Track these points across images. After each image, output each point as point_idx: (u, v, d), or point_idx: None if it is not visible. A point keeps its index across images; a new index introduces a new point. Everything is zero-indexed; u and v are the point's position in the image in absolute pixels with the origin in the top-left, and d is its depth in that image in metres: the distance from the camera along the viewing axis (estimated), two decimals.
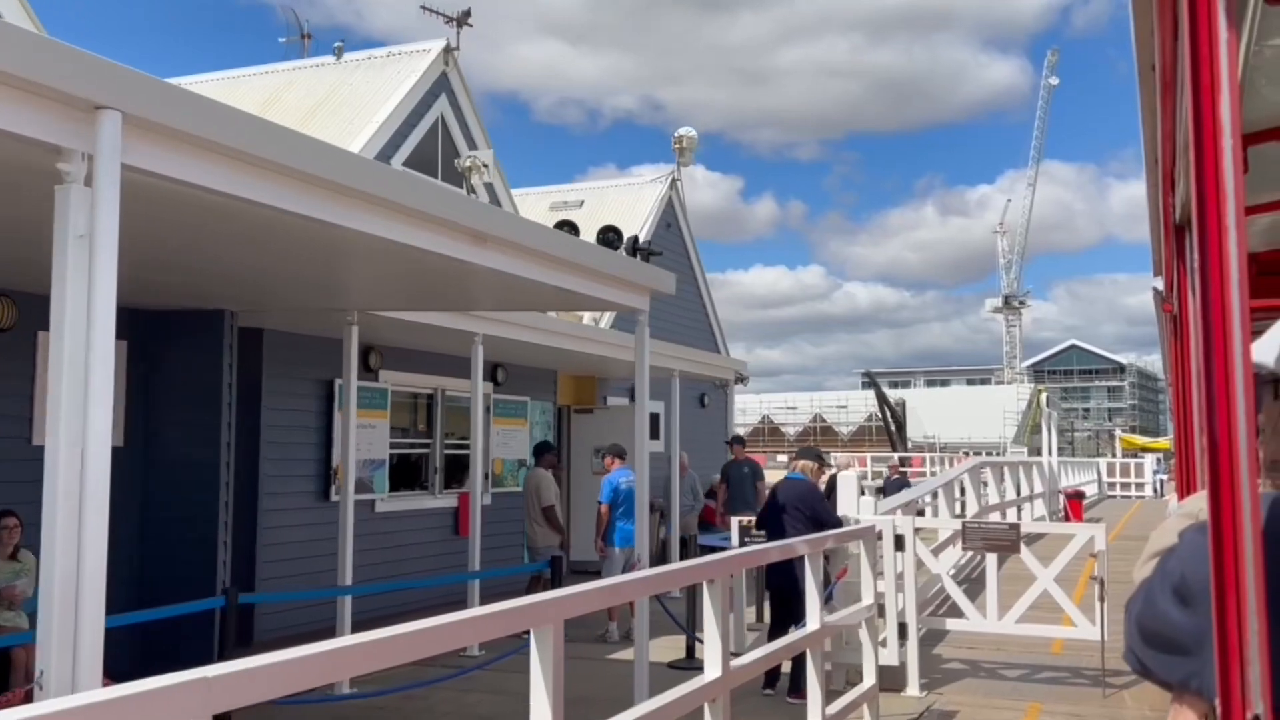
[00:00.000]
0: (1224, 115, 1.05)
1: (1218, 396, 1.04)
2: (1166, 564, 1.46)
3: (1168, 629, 1.40)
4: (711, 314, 20.55)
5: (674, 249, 19.13)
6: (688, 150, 18.64)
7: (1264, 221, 3.88)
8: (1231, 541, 1.03)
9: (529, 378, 14.20)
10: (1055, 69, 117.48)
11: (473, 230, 5.51)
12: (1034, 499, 20.18)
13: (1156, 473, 39.43)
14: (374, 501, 11.45)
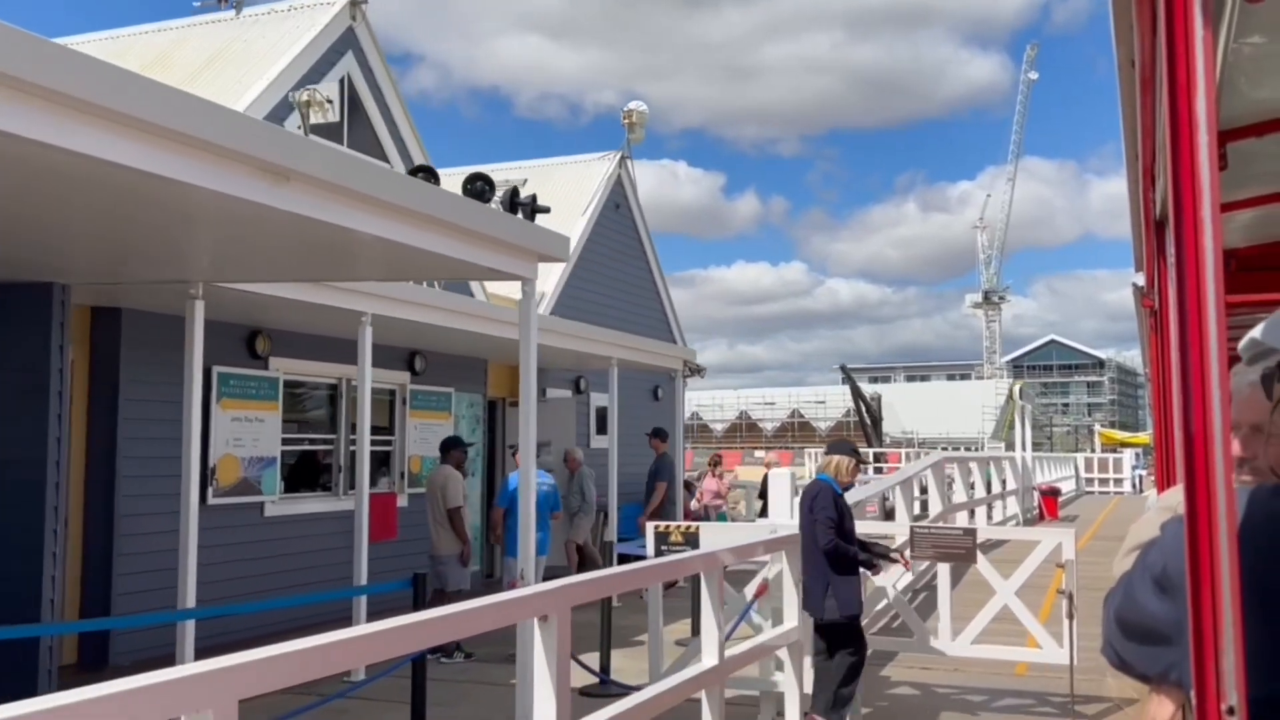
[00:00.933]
0: (1200, 112, 1.05)
1: (1194, 390, 1.03)
2: (1148, 556, 1.42)
3: (1148, 620, 1.37)
4: (666, 302, 19.37)
5: (624, 232, 17.93)
6: (638, 126, 17.44)
7: (1244, 218, 3.83)
8: (1207, 534, 1.02)
9: (453, 367, 12.98)
10: (1035, 63, 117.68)
11: (265, 163, 4.30)
12: (1006, 496, 19.11)
13: (1136, 468, 38.58)
14: (263, 504, 10.20)
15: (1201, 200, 1.06)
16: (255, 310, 9.30)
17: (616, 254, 17.57)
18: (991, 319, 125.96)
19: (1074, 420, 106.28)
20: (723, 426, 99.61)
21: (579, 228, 16.30)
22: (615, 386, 12.89)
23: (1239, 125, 2.96)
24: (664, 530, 7.49)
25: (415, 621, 2.81)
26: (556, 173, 17.86)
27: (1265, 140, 3.01)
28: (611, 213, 17.48)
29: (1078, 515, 22.81)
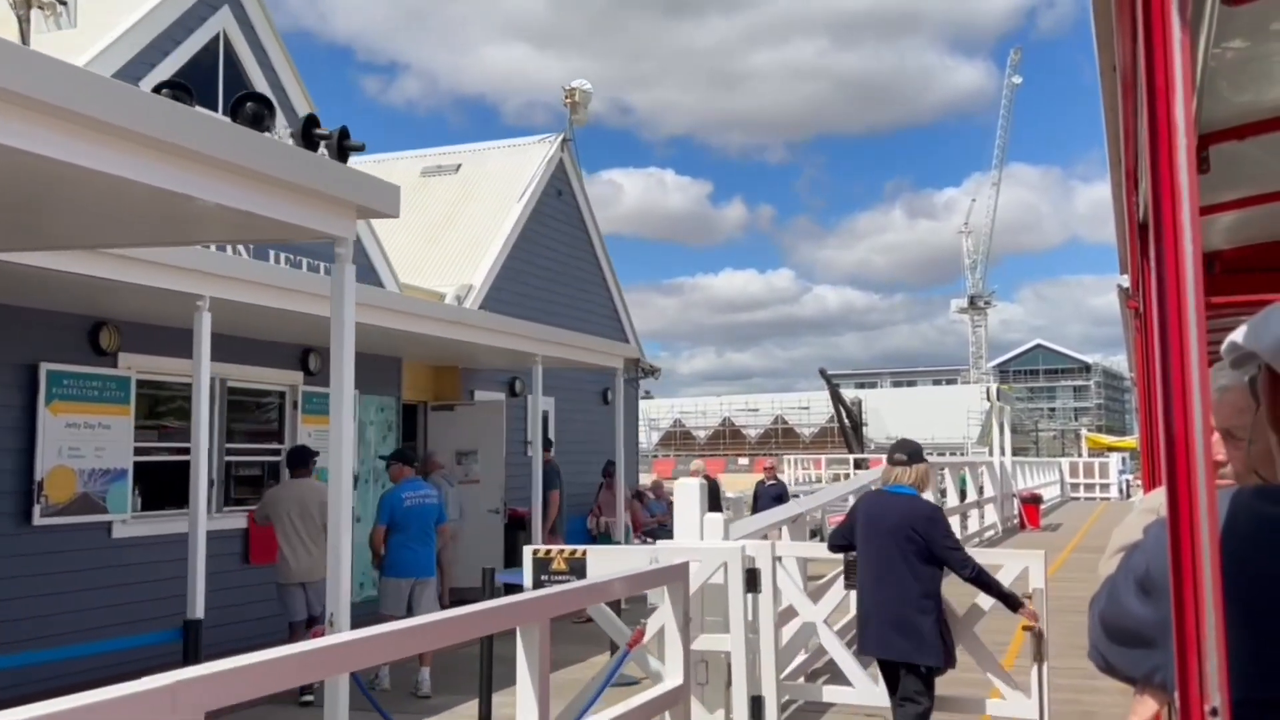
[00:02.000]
0: (1178, 116, 1.07)
1: (1174, 392, 1.05)
2: (1131, 558, 1.39)
3: (1132, 623, 1.35)
4: (617, 297, 17.99)
5: (568, 220, 16.56)
6: (581, 105, 16.08)
7: (1227, 220, 3.86)
8: (1189, 536, 1.03)
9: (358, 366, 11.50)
10: (1018, 68, 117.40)
11: None
12: (983, 505, 17.76)
13: (1122, 473, 37.34)
14: (110, 525, 8.76)
15: (1180, 204, 1.06)
16: (98, 297, 7.89)
17: (559, 245, 16.19)
18: (977, 324, 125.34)
19: (1061, 425, 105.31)
20: (706, 434, 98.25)
21: (513, 215, 14.93)
22: (539, 386, 11.50)
23: (1221, 128, 2.96)
24: (544, 556, 6.10)
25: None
26: (492, 157, 16.50)
27: (1247, 143, 3.01)
28: (553, 200, 16.10)
29: (1061, 524, 21.49)
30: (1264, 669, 1.11)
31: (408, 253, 15.22)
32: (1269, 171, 3.44)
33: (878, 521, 5.48)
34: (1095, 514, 25.06)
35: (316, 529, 8.29)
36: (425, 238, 15.32)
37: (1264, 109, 2.91)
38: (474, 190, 15.79)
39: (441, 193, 16.06)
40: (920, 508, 5.51)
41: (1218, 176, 3.10)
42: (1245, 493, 1.24)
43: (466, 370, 13.72)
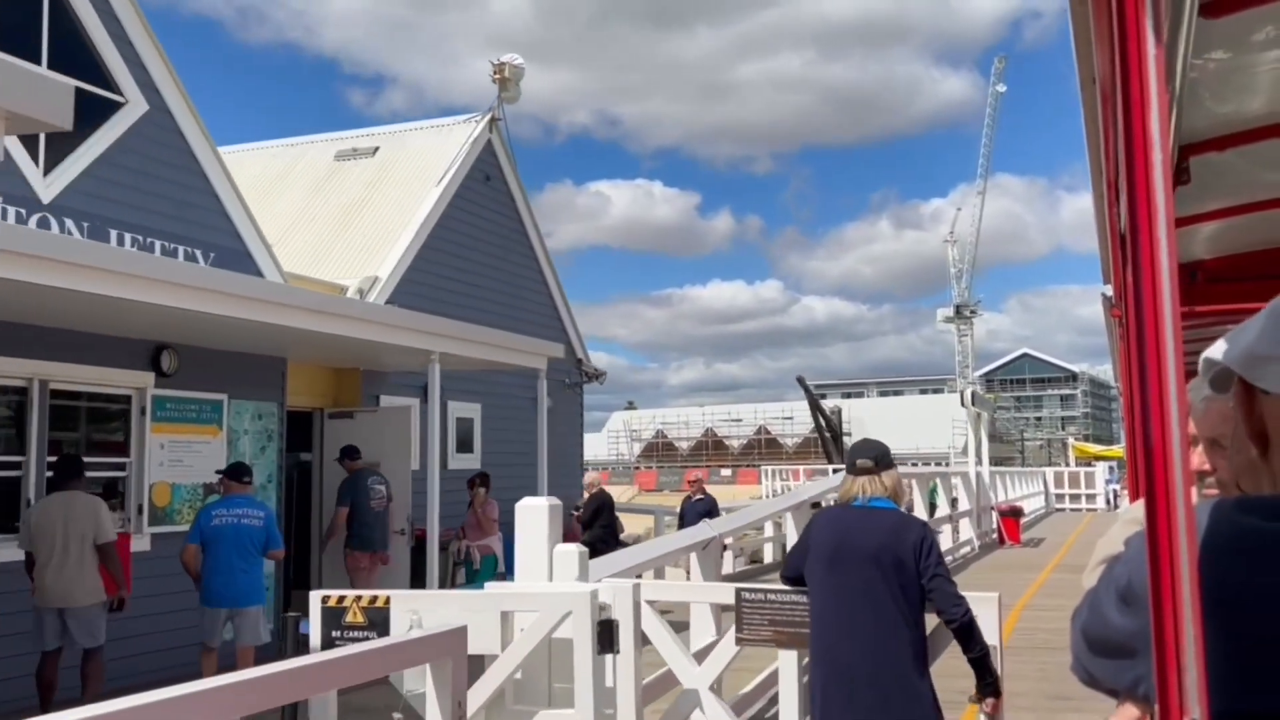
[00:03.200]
0: (1153, 129, 1.07)
1: (1152, 404, 1.06)
2: (1113, 570, 1.37)
3: (1113, 634, 1.33)
4: (557, 294, 16.48)
5: (498, 208, 15.04)
6: (512, 82, 14.60)
7: (1209, 230, 3.88)
8: (1167, 547, 1.03)
9: (228, 367, 10.00)
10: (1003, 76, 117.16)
11: None
12: (957, 519, 16.27)
13: (1109, 482, 35.95)
14: None
15: (1156, 216, 1.07)
16: None
17: (487, 235, 14.67)
18: (963, 333, 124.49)
19: (1048, 434, 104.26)
20: (688, 445, 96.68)
21: (429, 200, 13.41)
22: (437, 388, 9.97)
23: (1202, 139, 2.99)
24: (335, 605, 4.57)
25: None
26: (412, 139, 15.01)
27: (1228, 153, 3.03)
28: (480, 186, 14.59)
29: (1043, 539, 20.01)
30: (1245, 680, 1.11)
31: (314, 244, 13.70)
32: (1250, 182, 3.43)
33: (849, 546, 4.03)
34: (1080, 527, 23.59)
35: (81, 549, 6.83)
36: (335, 227, 13.81)
37: (1245, 120, 2.91)
38: (391, 175, 14.29)
39: (356, 178, 14.55)
40: (910, 527, 4.10)
41: (1199, 187, 3.10)
42: (1226, 504, 1.22)
43: (370, 373, 12.18)
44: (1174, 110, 2.54)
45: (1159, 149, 1.07)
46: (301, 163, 15.30)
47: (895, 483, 4.23)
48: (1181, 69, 2.35)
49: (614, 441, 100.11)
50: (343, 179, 14.61)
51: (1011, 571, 13.90)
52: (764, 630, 4.66)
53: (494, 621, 4.37)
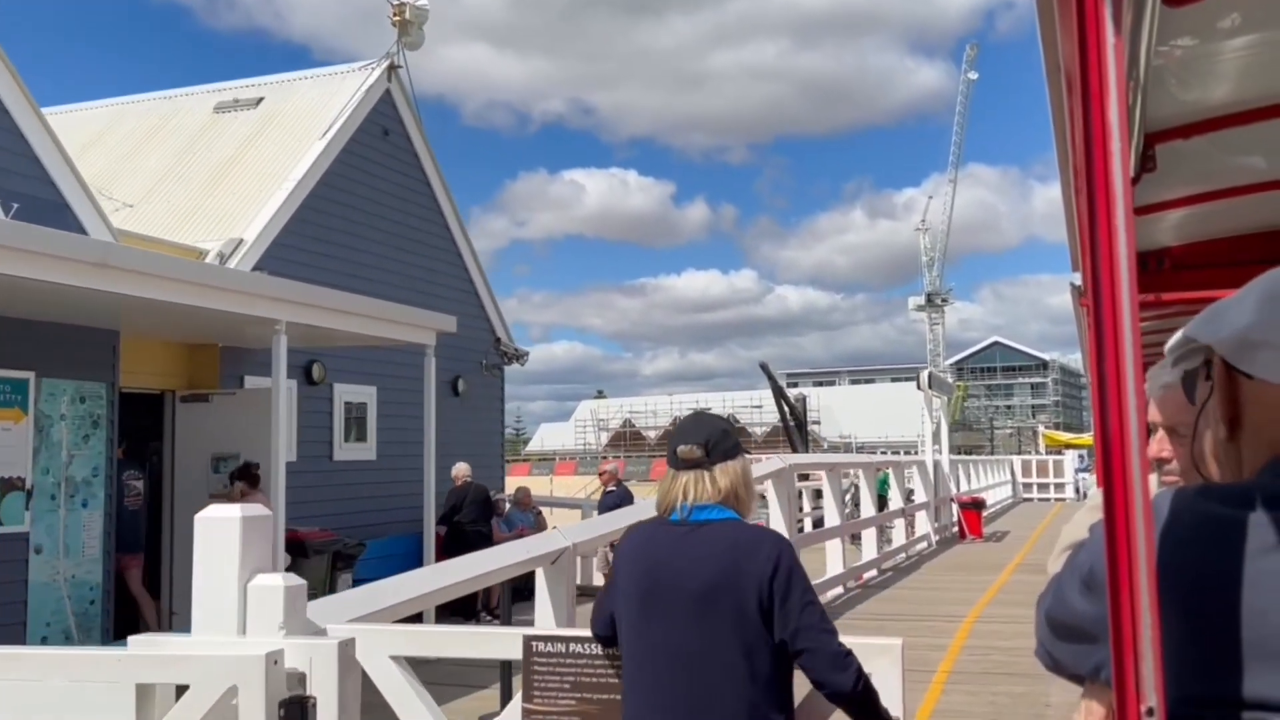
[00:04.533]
0: (1112, 118, 1.09)
1: (1110, 392, 1.07)
2: (1077, 557, 1.37)
3: (1076, 620, 1.34)
4: (473, 266, 14.89)
5: (399, 168, 13.43)
6: (414, 25, 13.00)
7: (1175, 217, 3.92)
8: (1125, 536, 1.04)
9: (38, 338, 8.37)
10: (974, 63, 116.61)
11: None
12: (910, 514, 14.87)
13: (1079, 470, 34.83)
14: None
15: (1115, 205, 1.08)
16: None
17: (385, 198, 13.06)
18: (935, 322, 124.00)
19: (1018, 422, 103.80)
20: (656, 434, 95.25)
21: (309, 155, 11.79)
22: (282, 364, 8.39)
23: (1168, 126, 3.00)
24: None
25: None
26: (300, 89, 13.36)
27: (1193, 141, 3.04)
28: (376, 141, 12.97)
29: (1008, 532, 18.67)
30: (1206, 666, 1.12)
31: (182, 204, 12.06)
32: (1216, 169, 3.44)
33: (665, 584, 2.62)
34: (1048, 518, 22.30)
35: None
36: (206, 186, 12.16)
37: (1210, 107, 2.91)
38: (273, 128, 12.65)
39: (235, 132, 12.90)
40: (756, 550, 2.59)
41: (1165, 174, 3.11)
42: (1188, 492, 1.22)
43: (233, 350, 10.57)
44: (1139, 98, 2.53)
45: (1118, 138, 1.08)
46: (178, 116, 13.63)
47: (737, 480, 2.71)
48: (1146, 57, 2.37)
49: (581, 431, 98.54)
50: (220, 133, 12.96)
51: (968, 572, 12.50)
52: (563, 698, 3.15)
53: (126, 701, 2.84)
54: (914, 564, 13.22)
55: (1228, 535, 1.11)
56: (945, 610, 9.30)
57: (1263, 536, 1.09)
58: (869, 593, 10.59)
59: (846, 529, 10.84)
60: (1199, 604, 1.11)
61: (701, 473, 2.68)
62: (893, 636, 2.93)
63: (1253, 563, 1.09)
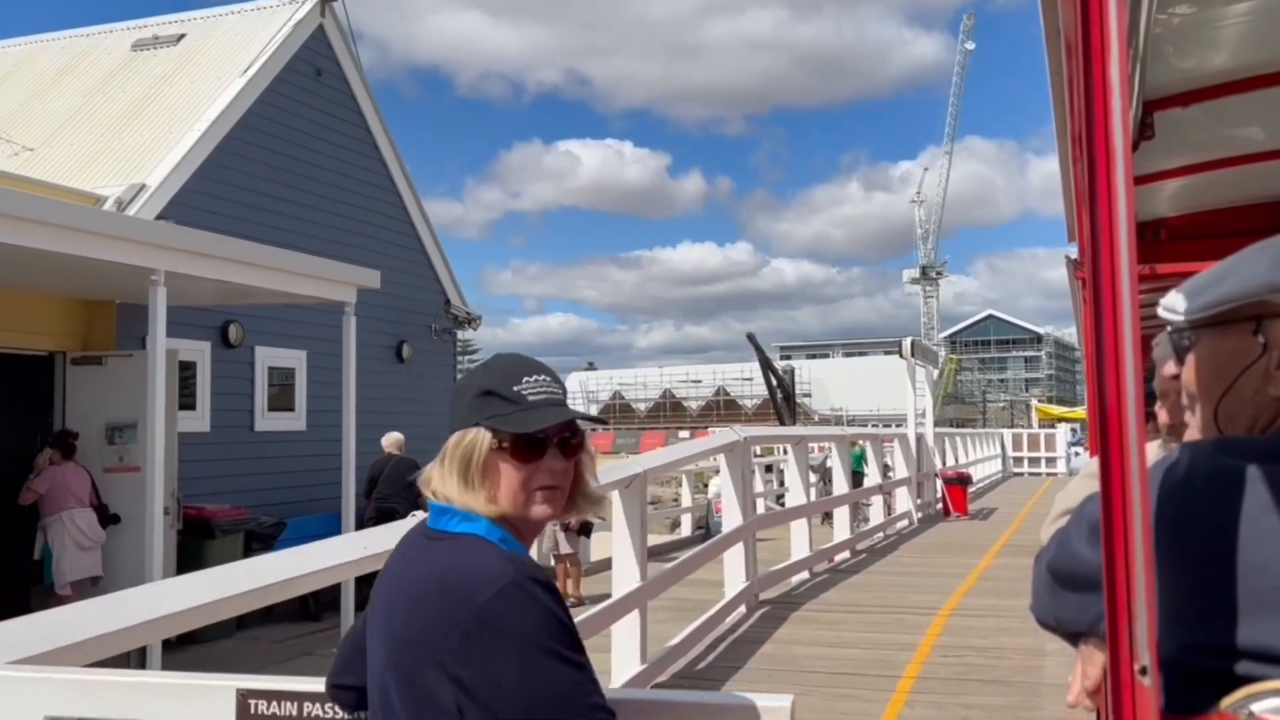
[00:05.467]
0: (1114, 81, 1.07)
1: (1108, 355, 1.06)
2: (1086, 507, 1.36)
3: (1080, 567, 1.33)
4: (420, 223, 13.79)
5: (335, 111, 12.31)
6: None
7: (1173, 187, 3.86)
8: (1120, 500, 1.04)
9: None
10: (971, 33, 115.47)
11: None
12: (889, 490, 13.87)
13: (1071, 444, 33.95)
14: None
15: (1115, 169, 1.06)
16: None
17: (319, 144, 11.95)
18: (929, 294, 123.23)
19: (1012, 395, 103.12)
20: (646, 406, 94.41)
21: (227, 94, 10.67)
22: (160, 321, 7.32)
23: (1167, 94, 2.97)
24: None
25: None
26: (225, 25, 12.20)
27: (1191, 109, 3.01)
28: (308, 82, 11.84)
29: (995, 509, 17.72)
30: (1211, 615, 1.11)
31: (87, 148, 10.94)
32: (1214, 138, 3.40)
33: (373, 629, 1.61)
34: (1038, 494, 21.36)
35: None
36: (115, 128, 11.04)
37: (1209, 75, 2.89)
38: (192, 66, 11.52)
39: (151, 71, 11.77)
40: (467, 594, 1.42)
41: (1164, 143, 3.10)
42: (1206, 445, 1.23)
43: (132, 307, 9.48)
44: (1138, 66, 2.52)
45: (1118, 96, 1.07)
46: (93, 55, 12.48)
47: (448, 461, 1.61)
48: (1146, 24, 2.36)
49: (571, 403, 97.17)
50: (136, 72, 11.83)
51: (948, 554, 11.53)
52: None
53: None
54: (891, 544, 12.25)
55: (1239, 487, 1.12)
56: (918, 600, 8.32)
57: (1277, 491, 1.10)
58: (837, 577, 9.61)
59: (813, 508, 9.83)
60: (1208, 552, 1.12)
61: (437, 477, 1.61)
62: (784, 694, 1.89)
63: (1266, 515, 1.09)
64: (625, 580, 5.88)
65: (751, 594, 7.96)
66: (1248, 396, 1.24)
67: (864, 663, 6.41)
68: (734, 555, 7.84)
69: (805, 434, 9.86)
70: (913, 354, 14.64)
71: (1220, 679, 1.10)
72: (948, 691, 5.84)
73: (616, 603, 5.73)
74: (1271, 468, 1.12)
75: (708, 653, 6.75)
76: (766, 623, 7.52)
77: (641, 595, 5.88)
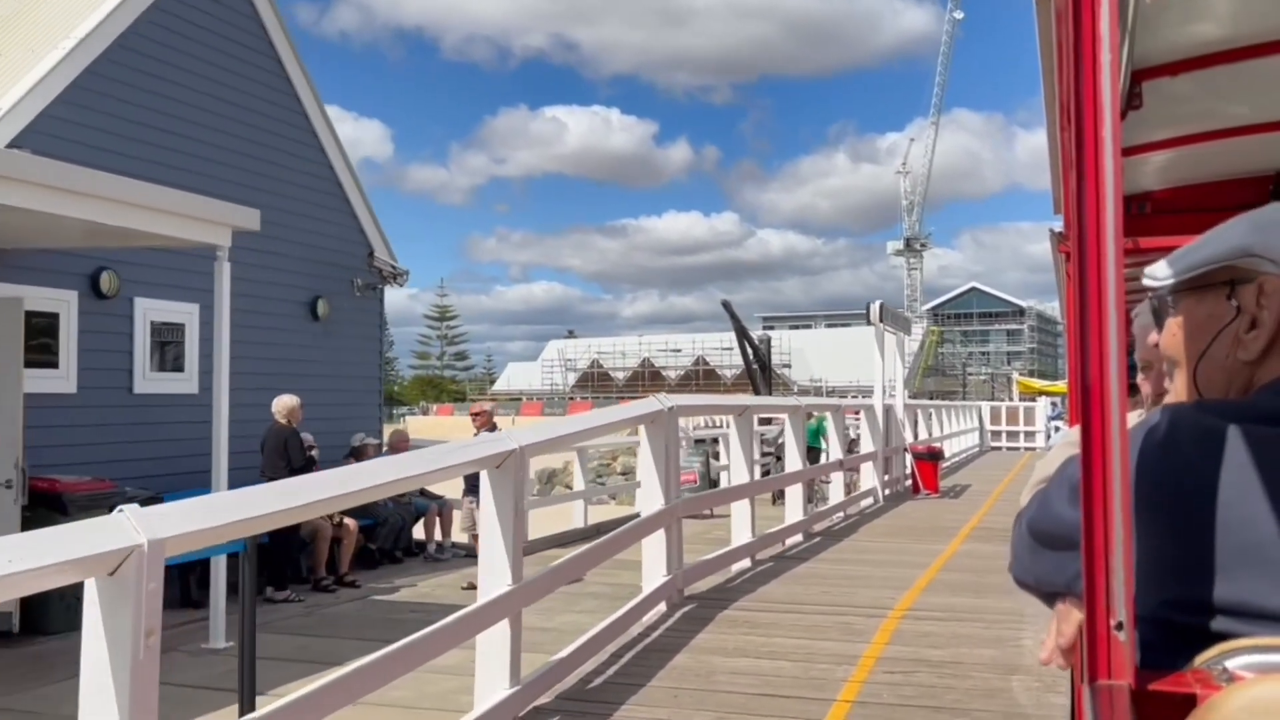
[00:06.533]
0: (1104, 43, 1.06)
1: (1091, 320, 1.06)
2: (1067, 469, 1.40)
3: (1059, 527, 1.37)
4: (340, 164, 12.50)
5: (235, 35, 10.97)
6: None
7: (1160, 160, 3.80)
8: (1100, 459, 1.05)
9: None
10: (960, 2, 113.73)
11: None
12: (850, 467, 12.76)
13: (1051, 418, 33.04)
14: None
15: (1103, 131, 1.06)
16: None
17: (216, 73, 10.64)
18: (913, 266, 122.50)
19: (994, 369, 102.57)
20: (624, 375, 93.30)
21: (101, 9, 9.34)
22: None
23: (1156, 64, 2.90)
24: None
25: None
26: None
27: (1180, 79, 2.98)
28: (208, 4, 10.50)
29: (968, 485, 16.68)
30: (1189, 571, 1.13)
31: None
32: (1202, 110, 3.37)
33: None
34: (1014, 469, 20.38)
35: None
36: None
37: (1199, 45, 2.85)
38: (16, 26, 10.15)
39: None
40: None
41: (1151, 113, 3.06)
42: (1185, 407, 1.25)
43: None
44: (1127, 33, 2.49)
45: (1108, 64, 1.06)
46: None
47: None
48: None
49: (549, 371, 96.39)
50: None
51: (911, 538, 10.45)
52: None
53: None
54: (851, 526, 11.16)
55: (1219, 446, 1.14)
56: (868, 597, 7.22)
57: (1255, 450, 1.13)
58: (783, 566, 8.50)
59: (756, 488, 8.68)
60: (1188, 511, 1.13)
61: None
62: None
63: (1244, 473, 1.12)
64: (492, 582, 4.74)
65: (674, 589, 6.83)
66: (1221, 361, 1.26)
67: (792, 681, 5.30)
68: (654, 544, 6.70)
69: (750, 404, 8.70)
70: (880, 319, 13.49)
71: (1197, 635, 1.11)
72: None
73: (479, 610, 4.59)
74: (1251, 427, 1.14)
75: (609, 664, 5.62)
76: (687, 625, 6.40)
77: (513, 601, 4.74)
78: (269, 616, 8.87)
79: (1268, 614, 1.08)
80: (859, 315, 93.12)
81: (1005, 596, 6.95)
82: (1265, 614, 1.08)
